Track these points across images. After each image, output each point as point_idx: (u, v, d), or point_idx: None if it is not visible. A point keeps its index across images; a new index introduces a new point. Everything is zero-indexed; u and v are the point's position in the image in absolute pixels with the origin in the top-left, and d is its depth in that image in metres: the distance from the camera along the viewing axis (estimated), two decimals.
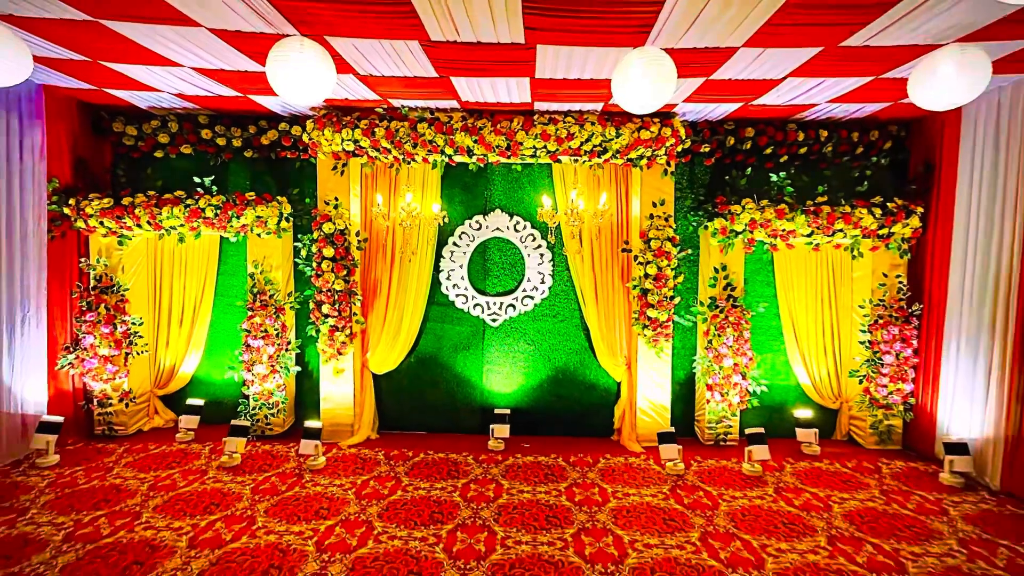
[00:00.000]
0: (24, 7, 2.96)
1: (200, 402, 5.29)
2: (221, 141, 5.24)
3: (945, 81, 2.99)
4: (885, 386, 4.89)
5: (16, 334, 4.46)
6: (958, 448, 4.26)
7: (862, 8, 2.78)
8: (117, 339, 5.01)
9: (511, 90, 4.24)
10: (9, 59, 2.98)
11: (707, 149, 5.18)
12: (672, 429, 4.67)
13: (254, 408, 5.16)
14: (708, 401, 5.07)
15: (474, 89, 4.23)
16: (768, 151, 5.17)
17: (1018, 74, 3.78)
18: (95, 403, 5.06)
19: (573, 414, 5.45)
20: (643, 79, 2.99)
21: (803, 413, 5.11)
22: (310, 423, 4.68)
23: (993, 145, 4.14)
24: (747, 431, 4.61)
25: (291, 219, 5.14)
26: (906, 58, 3.41)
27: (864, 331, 5.05)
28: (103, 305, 4.98)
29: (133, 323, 5.13)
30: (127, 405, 5.14)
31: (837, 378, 5.35)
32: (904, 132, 5.11)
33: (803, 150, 5.16)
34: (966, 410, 4.38)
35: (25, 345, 4.54)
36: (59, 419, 4.57)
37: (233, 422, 4.65)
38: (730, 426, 5.14)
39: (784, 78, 3.85)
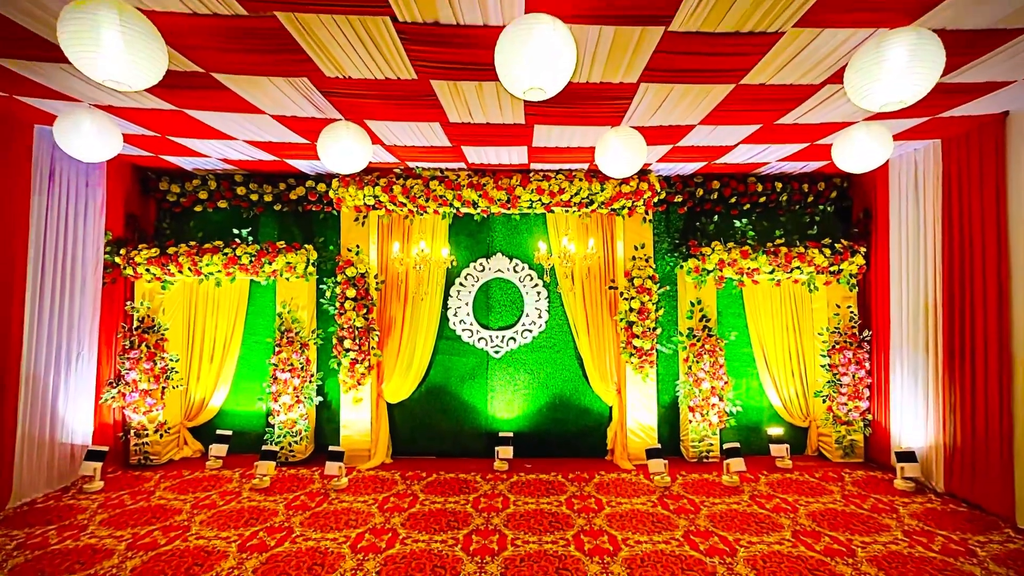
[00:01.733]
0: (121, 99, 3.69)
1: (229, 432, 5.77)
2: (254, 196, 5.96)
3: (860, 150, 3.81)
4: (845, 404, 5.53)
5: (72, 370, 4.99)
6: (907, 456, 4.87)
7: (787, 100, 3.59)
8: (156, 375, 5.53)
9: (511, 155, 5.03)
10: (107, 142, 3.70)
11: (680, 199, 5.99)
12: (659, 446, 5.24)
13: (279, 436, 5.64)
14: (691, 421, 5.66)
15: (480, 154, 5.02)
16: (732, 200, 5.99)
17: (922, 140, 4.63)
18: (132, 434, 5.53)
19: (570, 436, 5.99)
20: (619, 152, 3.77)
21: (775, 431, 5.71)
22: (334, 448, 5.18)
23: (913, 196, 4.97)
24: (725, 446, 5.19)
25: (316, 265, 5.80)
26: (830, 131, 4.25)
27: (824, 355, 5.73)
28: (144, 344, 5.54)
29: (170, 360, 5.67)
30: (161, 436, 5.61)
31: (805, 398, 5.99)
32: (846, 183, 5.98)
33: (763, 199, 5.98)
34: (912, 422, 5.03)
35: (78, 380, 5.06)
36: (104, 448, 5.03)
37: (264, 447, 5.15)
38: (711, 444, 5.71)
39: (737, 144, 4.68)
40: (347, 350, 5.58)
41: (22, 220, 4.38)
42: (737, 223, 5.82)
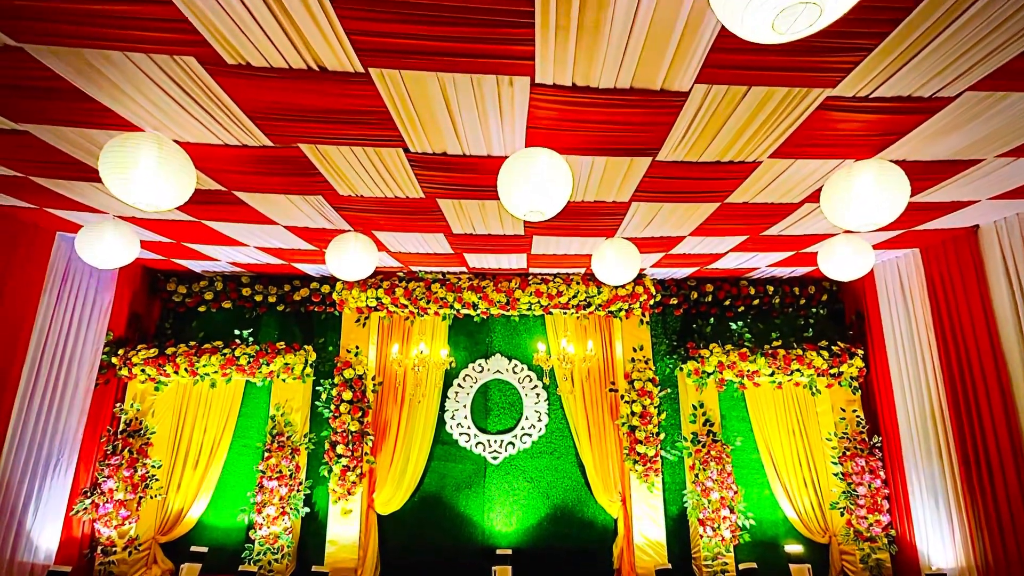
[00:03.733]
0: (144, 211, 3.91)
1: (203, 549, 5.34)
2: (259, 297, 6.08)
3: (843, 260, 3.99)
4: (864, 518, 5.21)
5: (47, 481, 4.74)
6: None
7: (770, 215, 3.84)
8: (135, 483, 5.24)
9: (511, 260, 5.24)
10: (125, 250, 3.86)
11: (675, 302, 6.13)
12: (669, 566, 4.84)
13: (258, 553, 5.22)
14: (702, 536, 5.29)
15: (481, 260, 5.22)
16: (727, 303, 6.13)
17: (902, 249, 4.86)
18: (100, 551, 5.11)
19: (573, 552, 5.55)
20: (614, 262, 3.94)
21: (794, 548, 5.31)
22: (316, 568, 4.77)
23: (902, 301, 5.10)
24: (741, 567, 4.80)
25: (314, 366, 5.76)
26: (813, 241, 4.48)
27: (835, 463, 5.51)
28: (127, 449, 5.32)
29: (152, 466, 5.41)
30: (130, 553, 5.18)
31: (821, 510, 5.65)
32: (836, 287, 6.16)
33: (756, 302, 6.12)
34: (938, 540, 4.70)
35: (52, 491, 4.78)
36: (67, 569, 4.62)
37: (241, 568, 4.73)
38: (726, 563, 5.28)
39: (727, 252, 4.90)
40: (339, 456, 5.36)
41: (27, 322, 4.42)
42: (733, 325, 5.90)
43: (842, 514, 5.39)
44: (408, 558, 5.55)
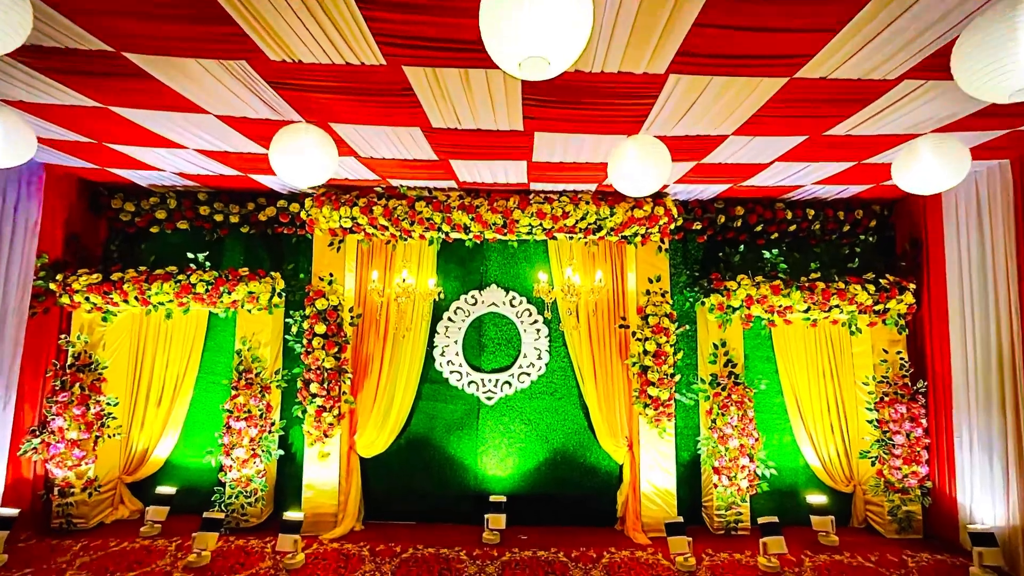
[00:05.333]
0: (34, 93, 3.02)
1: (171, 491, 4.90)
2: (218, 217, 5.27)
3: (927, 168, 3.11)
4: (899, 468, 4.68)
5: None
6: (986, 538, 3.99)
7: (843, 103, 2.93)
8: (89, 421, 4.71)
9: (508, 172, 4.36)
10: (14, 142, 3.01)
11: (699, 227, 5.29)
12: (681, 519, 4.36)
13: (230, 497, 4.77)
14: (716, 486, 4.79)
15: (472, 171, 4.35)
16: (758, 229, 5.29)
17: (992, 160, 3.96)
18: (56, 492, 4.66)
19: (573, 500, 5.11)
20: (639, 164, 3.07)
21: (817, 499, 4.82)
22: (290, 515, 4.31)
23: (976, 226, 4.26)
24: (760, 520, 4.32)
25: (283, 295, 5.05)
26: (887, 146, 3.58)
27: (871, 409, 4.91)
28: (78, 384, 4.74)
29: (108, 403, 4.86)
30: (90, 495, 4.74)
31: (847, 459, 5.13)
32: (887, 211, 5.28)
33: (792, 228, 5.28)
34: (987, 495, 4.17)
35: None
36: (13, 512, 4.18)
37: (205, 514, 4.28)
38: (740, 513, 4.82)
39: (771, 162, 4.01)
40: (313, 395, 4.77)
41: None
42: (767, 254, 5.09)
43: (873, 463, 4.85)
44: (394, 504, 5.12)
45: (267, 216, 5.29)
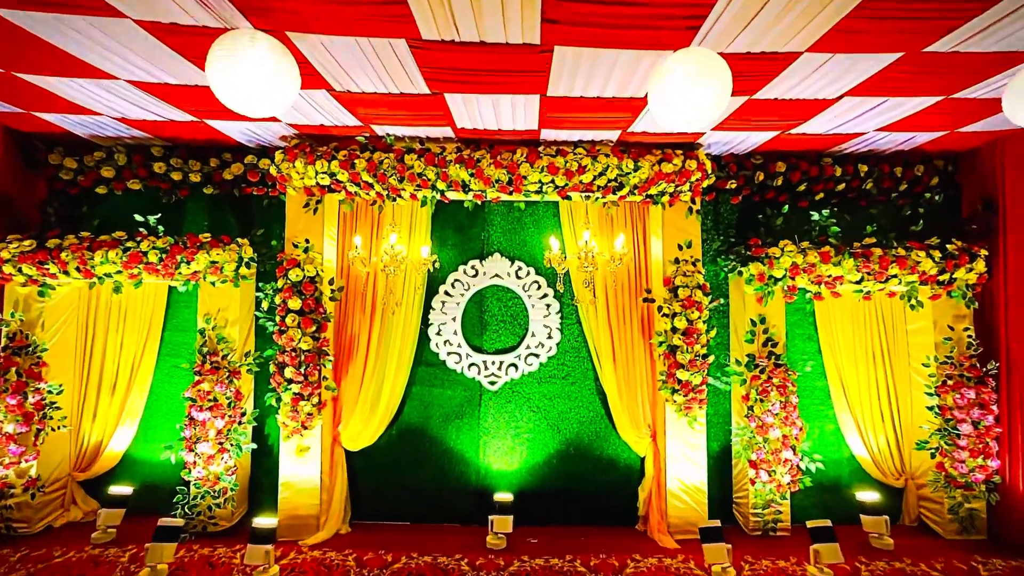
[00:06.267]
0: None
1: (126, 490, 4.26)
2: (176, 176, 4.51)
3: None
4: (963, 462, 4.07)
5: None
6: None
7: (956, 4, 2.19)
8: (27, 412, 4.04)
9: (516, 113, 3.61)
10: None
11: (733, 185, 4.58)
12: (718, 523, 3.75)
13: (195, 498, 4.14)
14: (753, 481, 4.19)
15: (472, 112, 3.60)
16: (801, 188, 4.58)
17: None
18: None
19: (589, 497, 4.52)
20: (692, 89, 2.34)
21: (869, 496, 4.22)
22: (261, 520, 3.68)
23: None
24: (810, 525, 3.71)
25: (252, 265, 4.33)
26: (995, 69, 2.85)
27: (931, 394, 4.28)
28: (13, 369, 4.06)
29: (49, 391, 4.18)
30: (33, 496, 4.10)
31: (899, 450, 4.53)
32: (952, 167, 4.57)
33: (841, 187, 4.57)
34: None
35: None
36: None
37: (160, 521, 3.64)
38: (780, 512, 4.23)
39: (839, 98, 3.27)
40: (289, 381, 4.11)
41: None
42: (815, 216, 4.38)
43: (933, 455, 4.25)
44: (385, 503, 4.52)
45: (233, 174, 4.54)
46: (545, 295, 4.64)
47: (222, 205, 4.69)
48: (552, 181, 4.15)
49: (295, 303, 4.09)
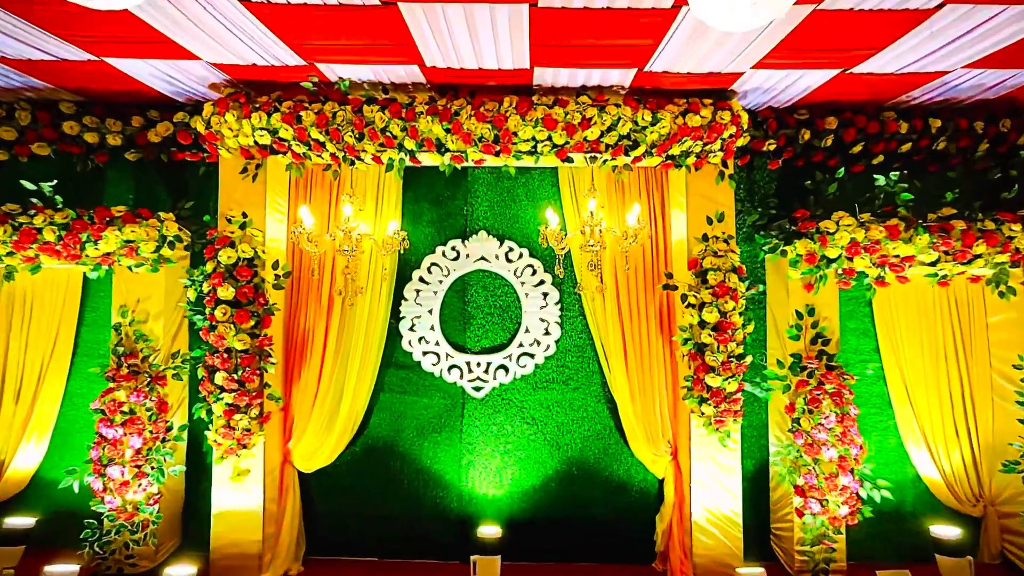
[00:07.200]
0: None
1: (28, 522, 3.48)
2: (91, 138, 3.70)
3: None
4: None
5: None
6: None
7: None
8: None
9: (500, 42, 2.76)
10: None
11: (772, 147, 3.71)
12: (760, 571, 2.93)
13: (108, 532, 3.35)
14: (801, 512, 3.36)
15: (442, 41, 2.75)
16: (856, 149, 3.71)
17: None
18: None
19: (595, 529, 3.72)
20: None
21: (947, 532, 3.38)
22: (176, 571, 2.88)
23: None
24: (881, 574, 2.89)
25: (177, 245, 3.48)
26: None
27: (1023, 403, 3.44)
28: None
29: None
30: None
31: (976, 470, 3.69)
32: None
33: (906, 147, 3.71)
34: None
35: None
36: None
37: (47, 570, 2.85)
38: (833, 549, 3.40)
39: (940, 6, 2.40)
40: (220, 389, 3.30)
41: None
42: (880, 180, 3.50)
43: None
44: (347, 533, 3.74)
45: (161, 136, 3.72)
46: (541, 282, 3.81)
47: (150, 174, 3.88)
48: (549, 138, 3.30)
49: (226, 292, 3.26)
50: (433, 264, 3.83)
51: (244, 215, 3.47)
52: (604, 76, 3.21)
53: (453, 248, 3.83)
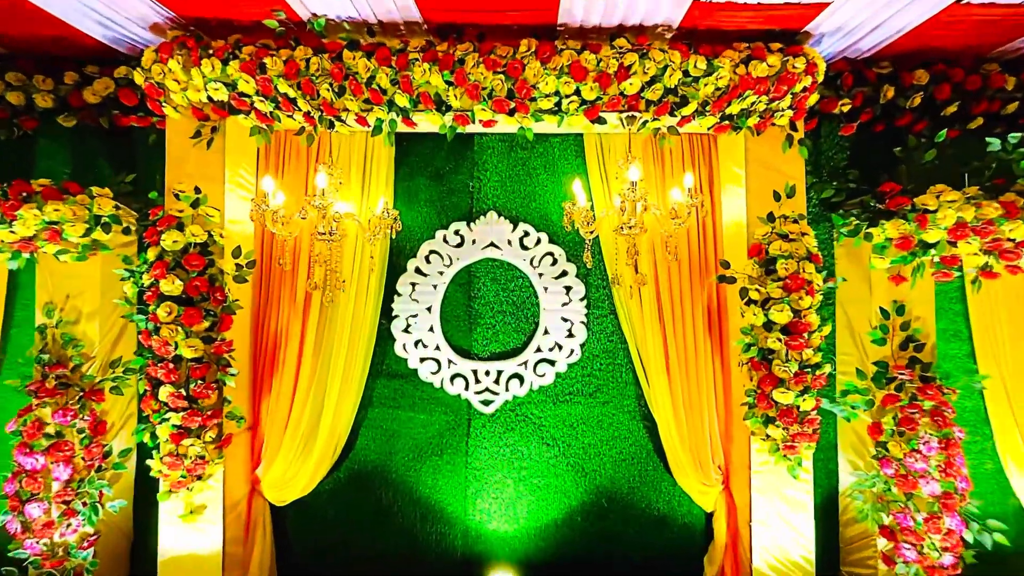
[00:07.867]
0: None
1: None
2: (15, 98, 3.04)
3: None
4: None
5: None
6: None
7: None
8: None
9: None
10: None
11: (846, 107, 3.03)
12: None
13: None
14: (891, 561, 2.70)
15: None
16: (951, 111, 3.03)
17: None
18: None
19: (629, 571, 3.08)
20: None
21: None
22: None
23: None
24: None
25: (110, 227, 2.80)
26: None
27: None
28: None
29: None
30: None
31: None
32: None
33: (1012, 107, 3.03)
34: None
35: None
36: None
37: None
38: None
39: None
40: (166, 408, 2.64)
41: None
42: (994, 144, 2.80)
43: None
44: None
45: (99, 95, 3.04)
46: (564, 273, 3.14)
47: (91, 144, 3.20)
48: (577, 92, 2.62)
49: (172, 285, 2.59)
50: (433, 252, 3.15)
51: (197, 190, 2.79)
52: (650, 11, 2.52)
53: (456, 232, 3.15)
